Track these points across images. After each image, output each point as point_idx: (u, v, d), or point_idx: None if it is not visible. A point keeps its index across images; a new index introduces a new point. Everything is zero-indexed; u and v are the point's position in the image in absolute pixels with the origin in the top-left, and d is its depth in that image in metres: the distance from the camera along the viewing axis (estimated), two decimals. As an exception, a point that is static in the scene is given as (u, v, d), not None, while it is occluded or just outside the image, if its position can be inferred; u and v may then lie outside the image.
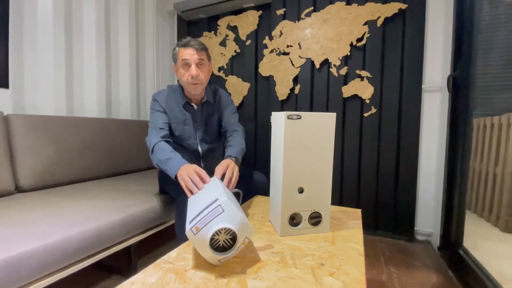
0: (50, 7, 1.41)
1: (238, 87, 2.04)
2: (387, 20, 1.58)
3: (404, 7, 1.53)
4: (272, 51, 1.90)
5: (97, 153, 1.47)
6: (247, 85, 2.01)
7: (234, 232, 0.55)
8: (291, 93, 1.87)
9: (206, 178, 0.84)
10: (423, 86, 1.53)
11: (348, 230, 0.78)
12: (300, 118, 0.71)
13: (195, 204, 0.68)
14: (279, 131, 0.73)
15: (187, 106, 1.20)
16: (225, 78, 2.09)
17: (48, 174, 1.24)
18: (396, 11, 1.54)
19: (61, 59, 1.48)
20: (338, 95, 1.72)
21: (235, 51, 2.04)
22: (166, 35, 2.29)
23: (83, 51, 1.62)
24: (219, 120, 1.28)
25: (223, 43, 2.09)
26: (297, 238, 0.72)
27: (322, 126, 0.73)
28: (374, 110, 1.64)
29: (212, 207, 0.57)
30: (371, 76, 1.63)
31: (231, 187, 0.90)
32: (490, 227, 1.82)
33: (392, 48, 1.59)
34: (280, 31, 1.86)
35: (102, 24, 1.70)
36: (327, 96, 1.76)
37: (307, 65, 1.80)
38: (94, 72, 1.66)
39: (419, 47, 1.53)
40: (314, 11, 1.76)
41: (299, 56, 1.81)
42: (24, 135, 1.19)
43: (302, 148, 0.72)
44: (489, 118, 1.97)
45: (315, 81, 1.80)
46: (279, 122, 0.73)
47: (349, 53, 1.67)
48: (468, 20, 1.16)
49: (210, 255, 0.55)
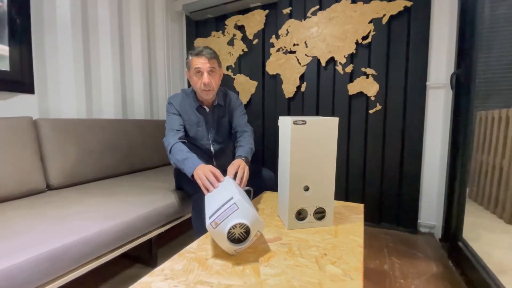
0: (68, 15, 1.50)
1: (246, 85, 2.11)
2: (392, 17, 1.61)
3: (409, 4, 1.55)
4: (278, 50, 1.95)
5: (116, 152, 1.59)
6: (255, 83, 2.07)
7: (248, 227, 0.64)
8: (298, 91, 1.92)
9: (220, 177, 0.93)
10: (427, 83, 1.56)
11: (350, 224, 0.86)
12: (305, 123, 0.78)
13: (213, 201, 0.76)
14: (286, 135, 0.80)
15: (200, 109, 1.29)
16: (233, 76, 2.15)
17: (74, 173, 1.35)
18: (401, 8, 1.56)
19: (80, 64, 1.57)
20: (344, 93, 1.77)
21: (242, 50, 2.10)
22: (176, 36, 2.36)
23: (100, 56, 1.71)
24: (229, 122, 1.36)
25: (230, 43, 2.14)
26: (303, 231, 0.80)
27: (326, 130, 0.80)
28: (379, 107, 1.68)
29: (228, 205, 0.66)
30: (376, 73, 1.67)
31: (243, 185, 0.98)
32: (495, 219, 1.86)
33: (397, 46, 1.62)
34: (287, 30, 1.90)
35: (115, 28, 1.78)
36: (333, 94, 1.81)
37: (313, 63, 1.84)
38: (110, 75, 1.76)
39: (424, 44, 1.55)
40: (320, 9, 1.80)
41: (306, 54, 1.85)
42: (52, 138, 1.30)
43: (307, 150, 0.79)
44: (496, 111, 1.98)
45: (321, 79, 1.84)
46: (286, 126, 0.81)
47: (354, 51, 1.71)
48: (470, 19, 1.19)
49: (227, 246, 0.64)
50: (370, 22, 1.65)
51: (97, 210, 0.98)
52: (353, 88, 1.73)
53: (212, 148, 1.33)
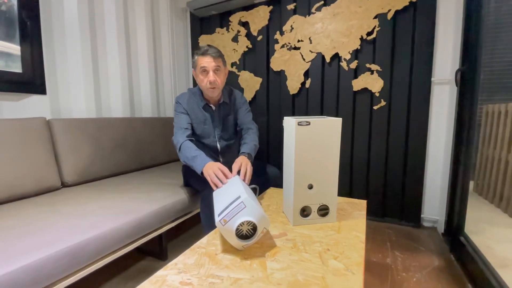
0: (75, 16, 1.53)
1: (251, 82, 2.12)
2: (397, 13, 1.60)
3: (415, -1, 1.54)
4: (283, 46, 1.96)
5: (126, 149, 1.64)
6: (259, 80, 2.09)
7: (255, 224, 0.67)
8: (302, 87, 1.93)
9: (228, 174, 0.98)
10: (432, 79, 1.56)
11: (353, 220, 0.89)
12: (309, 124, 0.80)
13: (221, 199, 0.80)
14: (291, 135, 0.83)
15: (206, 107, 1.32)
16: (237, 73, 2.17)
17: (87, 171, 1.41)
18: (407, 3, 1.55)
19: (88, 64, 1.61)
20: (348, 89, 1.78)
21: (247, 46, 2.11)
22: (180, 33, 2.38)
23: (107, 55, 1.74)
24: (234, 119, 1.40)
25: (235, 39, 2.15)
26: (307, 227, 0.84)
27: (329, 130, 0.82)
28: (383, 103, 1.69)
29: (236, 203, 0.69)
30: (381, 69, 1.67)
31: (247, 181, 1.03)
32: (500, 213, 1.87)
33: (402, 41, 1.61)
34: (291, 26, 1.90)
35: (121, 27, 1.81)
36: (337, 90, 1.82)
37: (317, 59, 1.85)
38: (118, 74, 1.79)
39: (429, 40, 1.54)
40: (325, 5, 1.79)
41: (310, 50, 1.86)
42: (65, 137, 1.35)
43: (311, 150, 0.82)
44: (503, 105, 1.97)
45: (325, 75, 1.85)
46: (291, 127, 0.83)
47: (359, 47, 1.71)
48: (476, 15, 1.18)
49: (235, 242, 0.68)
50: (375, 17, 1.64)
51: (110, 207, 1.03)
52: (357, 84, 1.74)
53: (218, 145, 1.37)
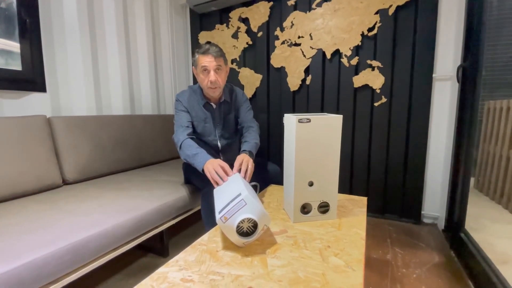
0: (75, 13, 1.52)
1: (251, 79, 2.12)
2: (399, 8, 1.58)
3: (416, -6, 1.52)
4: (283, 42, 1.95)
5: (127, 147, 1.64)
6: (260, 76, 2.08)
7: (255, 221, 0.68)
8: (303, 84, 1.93)
9: (229, 171, 0.98)
10: (434, 75, 1.55)
11: (353, 217, 0.89)
12: (310, 122, 0.80)
13: (221, 196, 0.81)
14: (291, 133, 0.83)
15: (207, 105, 1.32)
16: (238, 70, 2.16)
17: (88, 168, 1.41)
18: (408, -1, 1.54)
19: (88, 61, 1.60)
20: (349, 85, 1.77)
21: (247, 43, 2.09)
22: (180, 30, 2.36)
23: (107, 52, 1.74)
24: (235, 118, 1.39)
25: (235, 36, 2.14)
26: (308, 224, 0.84)
27: (330, 127, 0.82)
28: (384, 100, 1.68)
29: (236, 200, 0.70)
30: (382, 66, 1.66)
31: (247, 178, 1.03)
32: (501, 209, 1.87)
33: (403, 37, 1.60)
34: (292, 22, 1.89)
35: (121, 24, 1.80)
36: (338, 87, 1.81)
37: (318, 55, 1.84)
38: (118, 71, 1.79)
39: (431, 36, 1.53)
40: (325, 1, 1.77)
41: (310, 47, 1.85)
42: (65, 135, 1.35)
43: (312, 147, 0.82)
44: (505, 101, 1.96)
45: (326, 71, 1.84)
46: (291, 124, 0.83)
47: (360, 43, 1.69)
48: (477, 12, 1.17)
49: (236, 239, 0.68)
50: (376, 13, 1.63)
51: (112, 205, 1.04)
52: (358, 80, 1.73)
53: (219, 144, 1.37)
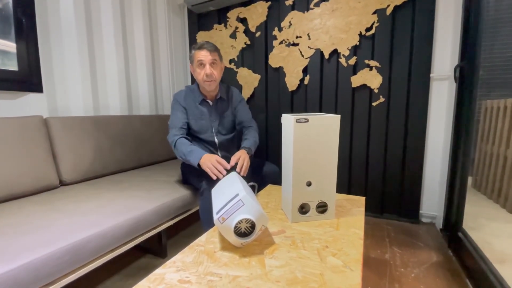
0: (71, 12, 1.50)
1: (249, 79, 2.11)
2: (396, 8, 1.58)
3: (414, -6, 1.52)
4: (281, 42, 1.95)
5: (124, 147, 1.63)
6: (258, 76, 2.08)
7: (253, 221, 0.68)
8: (301, 83, 1.93)
9: (226, 165, 1.05)
10: (431, 75, 1.56)
11: (351, 217, 0.89)
12: (308, 122, 0.80)
13: (219, 197, 0.80)
14: (289, 133, 0.83)
15: (204, 102, 1.35)
16: (236, 70, 2.16)
17: (85, 169, 1.40)
18: (406, -2, 1.54)
19: (85, 62, 1.59)
20: (347, 85, 1.77)
21: (245, 43, 2.09)
22: (178, 30, 2.36)
23: (104, 52, 1.73)
24: (232, 115, 1.42)
25: (233, 36, 2.13)
26: (306, 224, 0.84)
27: (328, 127, 0.82)
28: (382, 99, 1.68)
29: (234, 201, 0.69)
30: (380, 65, 1.66)
31: (242, 173, 1.09)
32: (499, 208, 1.89)
33: (401, 37, 1.60)
34: (289, 22, 1.89)
35: (118, 23, 1.79)
36: (336, 86, 1.81)
37: (316, 55, 1.84)
38: (115, 71, 1.78)
39: (428, 36, 1.53)
40: (323, 1, 1.77)
41: (308, 46, 1.85)
42: (62, 135, 1.34)
43: (310, 147, 0.82)
44: (502, 101, 1.97)
45: (324, 71, 1.84)
46: (289, 124, 0.83)
47: (358, 43, 1.70)
48: (475, 12, 1.17)
49: (234, 239, 0.68)
50: (374, 13, 1.63)
51: (110, 205, 1.03)
52: (356, 80, 1.73)
53: (216, 140, 1.38)
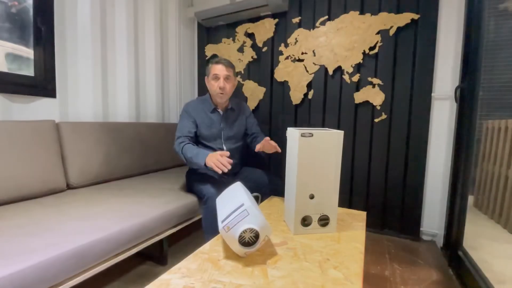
0: (88, 23, 1.58)
1: (255, 91, 2.17)
2: (399, 29, 1.65)
3: (416, 17, 1.59)
4: (287, 58, 2.01)
5: (131, 153, 1.67)
6: (263, 89, 2.13)
7: (257, 231, 0.70)
8: (305, 98, 1.97)
9: (227, 156, 1.09)
10: (433, 94, 1.60)
11: (353, 231, 0.91)
12: (312, 136, 0.83)
13: (224, 206, 0.82)
14: (294, 146, 0.86)
15: (214, 111, 1.42)
16: (242, 82, 2.22)
17: (92, 173, 1.43)
18: (409, 21, 1.60)
19: (97, 70, 1.65)
20: (350, 101, 1.81)
21: (252, 57, 2.16)
22: (187, 42, 2.44)
23: (116, 61, 1.79)
24: (240, 125, 1.49)
25: (240, 49, 2.21)
26: (307, 237, 0.86)
27: (331, 142, 0.85)
28: (384, 116, 1.72)
29: (239, 211, 0.72)
30: (383, 83, 1.71)
31: (275, 148, 1.24)
32: (500, 228, 1.88)
33: (403, 57, 1.66)
34: (296, 38, 1.96)
35: (131, 35, 1.86)
36: (339, 102, 1.86)
37: (320, 71, 1.89)
38: (125, 80, 1.84)
39: (430, 57, 1.58)
40: (329, 20, 1.85)
41: (313, 63, 1.91)
42: (72, 140, 1.38)
43: (314, 161, 0.84)
44: (503, 121, 2.00)
45: (328, 87, 1.89)
46: (294, 138, 0.86)
47: (361, 61, 1.75)
48: (475, 35, 1.23)
49: (238, 248, 0.70)
50: (378, 33, 1.69)
51: (115, 211, 1.05)
52: (359, 97, 1.78)
53: (225, 147, 1.44)
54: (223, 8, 2.07)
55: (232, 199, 0.86)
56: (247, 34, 2.17)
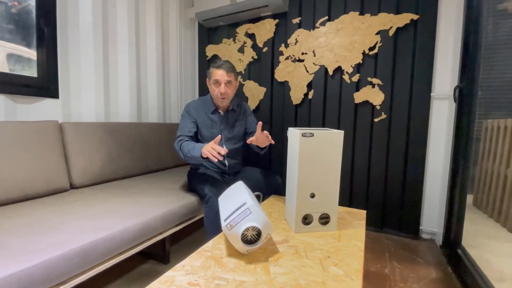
0: (90, 24, 1.59)
1: (255, 91, 2.18)
2: (399, 30, 1.66)
3: (416, 17, 1.60)
4: (287, 58, 2.02)
5: (133, 153, 1.68)
6: (263, 89, 2.15)
7: (259, 229, 0.71)
8: (305, 98, 1.99)
9: (221, 150, 1.07)
10: (432, 94, 1.61)
11: (353, 229, 0.92)
12: (313, 136, 0.85)
13: (227, 205, 0.84)
14: (295, 146, 0.87)
15: (215, 112, 1.44)
16: (242, 82, 2.23)
17: (95, 173, 1.45)
18: (408, 21, 1.62)
19: (99, 71, 1.67)
20: (350, 101, 1.83)
21: (252, 57, 2.17)
22: (188, 42, 2.45)
23: (118, 62, 1.81)
24: (241, 126, 1.50)
25: (241, 50, 2.22)
26: (308, 235, 0.87)
27: (332, 142, 0.86)
28: (384, 116, 1.73)
29: (242, 209, 0.73)
30: (382, 83, 1.72)
31: (270, 141, 1.19)
32: (499, 227, 1.89)
33: (403, 57, 1.67)
34: (296, 39, 1.97)
35: (133, 36, 1.88)
36: (339, 102, 1.87)
37: (320, 71, 1.91)
38: (127, 81, 1.85)
39: (429, 57, 1.60)
40: (329, 20, 1.86)
41: (313, 63, 1.92)
42: (75, 140, 1.40)
43: (314, 160, 0.86)
44: (502, 120, 2.02)
45: (328, 87, 1.91)
46: (295, 138, 0.88)
47: (361, 61, 1.76)
48: (474, 35, 1.24)
49: (240, 246, 0.71)
50: (377, 33, 1.71)
51: (118, 210, 1.07)
52: (359, 96, 1.79)
53: (225, 147, 1.43)
54: (224, 9, 2.08)
55: (234, 197, 0.87)
56: (247, 35, 2.18)
